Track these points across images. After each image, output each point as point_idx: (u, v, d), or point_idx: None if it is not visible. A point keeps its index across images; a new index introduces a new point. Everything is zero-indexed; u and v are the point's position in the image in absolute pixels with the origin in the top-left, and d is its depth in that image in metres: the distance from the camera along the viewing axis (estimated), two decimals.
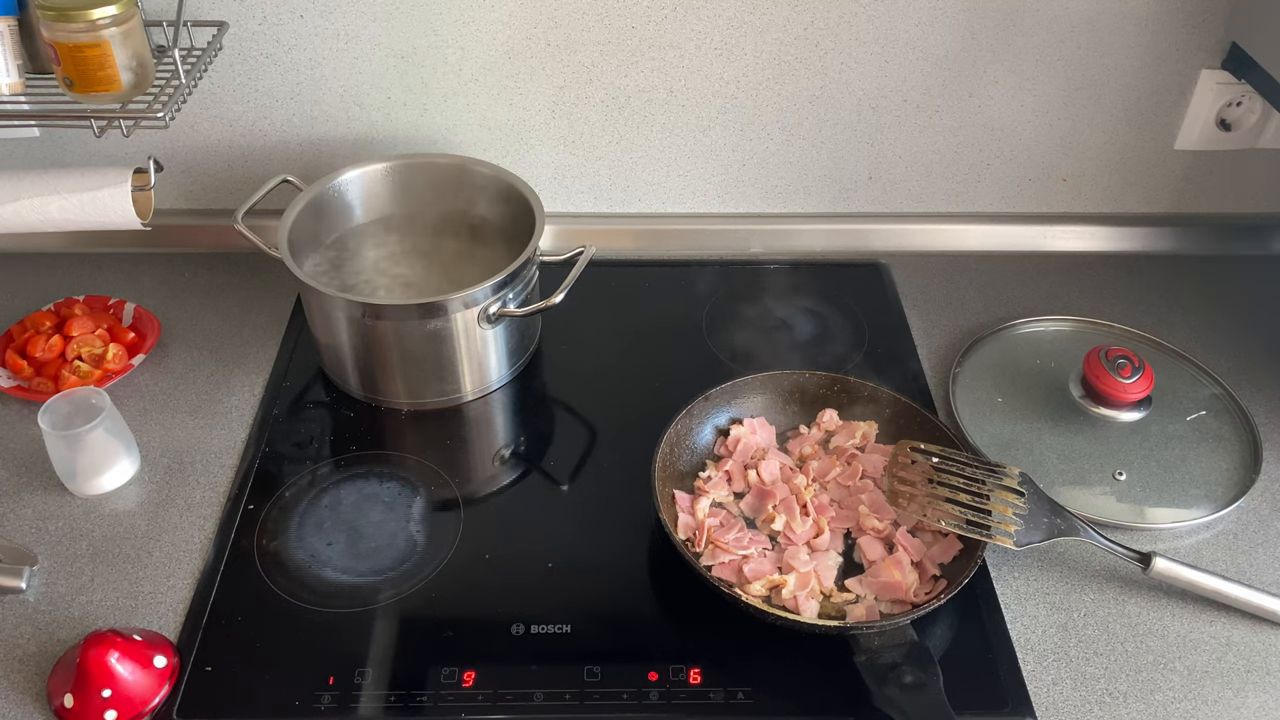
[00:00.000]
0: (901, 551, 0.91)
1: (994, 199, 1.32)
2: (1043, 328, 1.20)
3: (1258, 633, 0.89)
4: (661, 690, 0.82)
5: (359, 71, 1.20)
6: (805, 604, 0.87)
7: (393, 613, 0.89)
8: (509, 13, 1.16)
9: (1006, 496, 0.91)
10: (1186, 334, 1.18)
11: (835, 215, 1.33)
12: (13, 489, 1.00)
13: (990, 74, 1.22)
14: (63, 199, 1.07)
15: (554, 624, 0.88)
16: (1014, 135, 1.27)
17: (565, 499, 1.01)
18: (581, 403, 1.11)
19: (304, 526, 0.96)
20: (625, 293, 1.25)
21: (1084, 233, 1.33)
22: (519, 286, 1.06)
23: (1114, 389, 1.05)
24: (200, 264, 1.28)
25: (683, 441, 1.00)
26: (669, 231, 1.32)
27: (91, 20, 0.95)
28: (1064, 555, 0.95)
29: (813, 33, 1.18)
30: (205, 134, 1.25)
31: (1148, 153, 1.29)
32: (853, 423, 1.03)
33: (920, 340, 1.19)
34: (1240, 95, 1.22)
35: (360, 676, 0.84)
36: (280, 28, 1.17)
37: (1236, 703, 0.84)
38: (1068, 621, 0.90)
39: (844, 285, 1.26)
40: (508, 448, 1.08)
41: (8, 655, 0.86)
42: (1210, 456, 1.04)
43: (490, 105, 1.23)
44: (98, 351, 1.11)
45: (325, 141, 1.25)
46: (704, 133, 1.25)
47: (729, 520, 0.94)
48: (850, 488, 0.97)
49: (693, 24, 1.17)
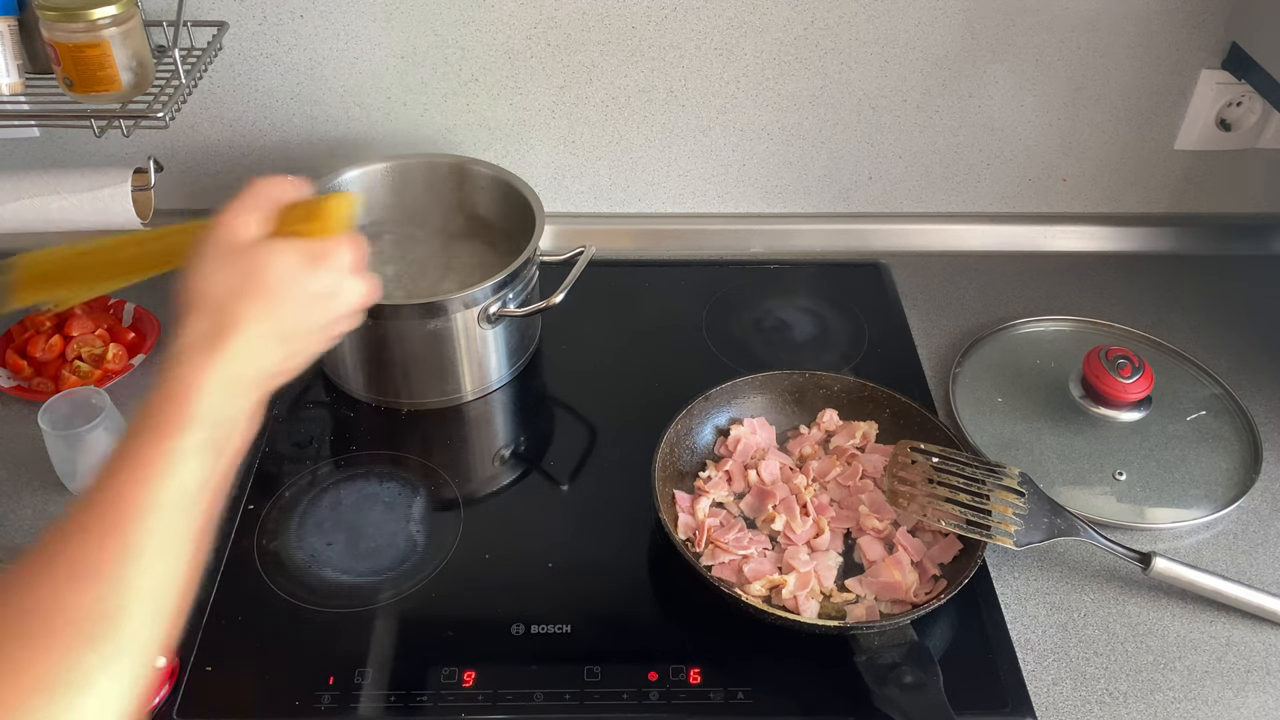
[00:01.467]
0: (901, 551, 0.91)
1: (994, 199, 1.32)
2: (1043, 328, 1.20)
3: (1258, 633, 0.89)
4: (661, 690, 0.82)
5: (359, 71, 1.20)
6: (805, 604, 0.87)
7: (393, 613, 0.89)
8: (509, 13, 1.16)
9: (1006, 496, 0.91)
10: (1186, 334, 1.18)
11: (835, 215, 1.33)
12: (13, 489, 1.00)
13: (990, 74, 1.22)
14: (63, 199, 1.07)
15: (554, 624, 0.88)
16: (1014, 135, 1.27)
17: (565, 499, 1.01)
18: (581, 403, 1.11)
19: (304, 526, 0.96)
20: (625, 293, 1.25)
21: (1084, 233, 1.33)
22: (519, 286, 1.06)
23: (1114, 389, 1.05)
24: None
25: (683, 441, 1.00)
26: (669, 231, 1.32)
27: (91, 20, 0.95)
28: (1064, 555, 0.95)
29: (813, 33, 1.18)
30: (205, 134, 1.25)
31: (1148, 153, 1.29)
32: (853, 423, 1.03)
33: (920, 340, 1.19)
34: (1240, 95, 1.22)
35: (360, 676, 0.84)
36: (280, 28, 1.17)
37: (1237, 703, 0.84)
38: (1068, 621, 0.90)
39: (844, 285, 1.26)
40: (508, 448, 1.08)
41: None
42: (1210, 456, 1.04)
43: (490, 105, 1.23)
44: (98, 351, 1.11)
45: (325, 141, 1.25)
46: (704, 133, 1.25)
47: (729, 520, 0.94)
48: (850, 488, 0.97)
49: (693, 24, 1.17)
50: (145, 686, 0.52)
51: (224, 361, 0.60)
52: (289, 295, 0.63)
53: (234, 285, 0.62)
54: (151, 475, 0.56)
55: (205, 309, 0.62)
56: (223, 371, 0.60)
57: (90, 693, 0.49)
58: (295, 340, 0.65)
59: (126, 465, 0.56)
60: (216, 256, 0.63)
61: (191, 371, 0.59)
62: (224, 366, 0.60)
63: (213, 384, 0.59)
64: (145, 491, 0.55)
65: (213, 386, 0.59)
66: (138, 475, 0.56)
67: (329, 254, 0.65)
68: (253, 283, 0.62)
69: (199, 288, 0.63)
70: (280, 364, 0.64)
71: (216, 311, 0.61)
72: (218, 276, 0.62)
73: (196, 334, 0.61)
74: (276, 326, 0.63)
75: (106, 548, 0.53)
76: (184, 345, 0.61)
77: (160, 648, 0.54)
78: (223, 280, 0.62)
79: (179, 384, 0.59)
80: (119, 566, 0.53)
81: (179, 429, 0.57)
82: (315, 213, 0.66)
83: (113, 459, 0.57)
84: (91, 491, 0.56)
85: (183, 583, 0.56)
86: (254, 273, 0.62)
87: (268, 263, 0.63)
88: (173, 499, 0.56)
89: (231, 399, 0.60)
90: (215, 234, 0.64)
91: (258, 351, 0.62)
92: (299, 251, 0.64)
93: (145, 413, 0.58)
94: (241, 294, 0.62)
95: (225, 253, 0.63)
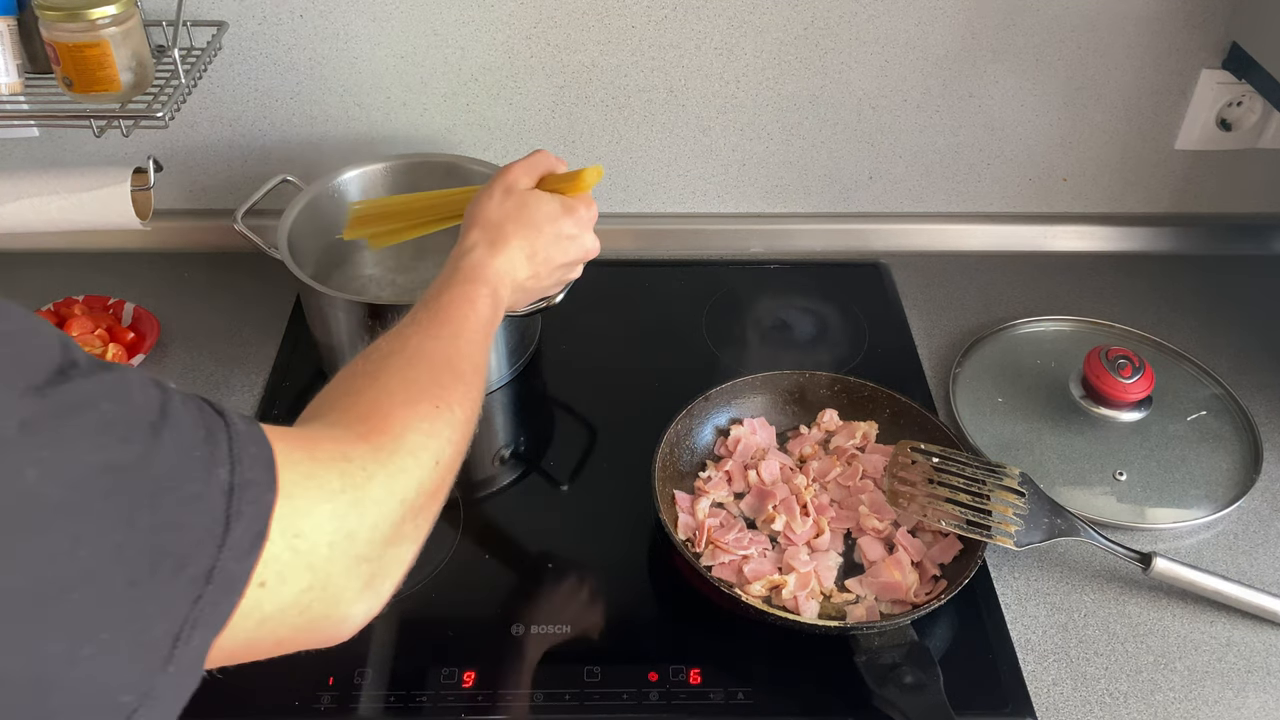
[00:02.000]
0: (901, 552, 0.91)
1: (994, 199, 1.32)
2: (1043, 328, 1.20)
3: (1258, 633, 0.89)
4: (661, 690, 0.82)
5: (359, 71, 1.20)
6: (805, 604, 0.87)
7: (393, 613, 0.89)
8: (509, 13, 1.16)
9: (1006, 496, 0.91)
10: (1186, 334, 1.18)
11: (835, 215, 1.33)
12: None
13: (990, 74, 1.22)
14: (63, 199, 1.07)
15: (554, 624, 0.88)
16: (1014, 135, 1.27)
17: (565, 499, 1.01)
18: (581, 403, 1.11)
19: None
20: (625, 293, 1.25)
21: (1084, 233, 1.33)
22: None
23: (1114, 389, 1.05)
24: (200, 264, 1.28)
25: (683, 441, 1.00)
26: (669, 231, 1.32)
27: (91, 20, 0.95)
28: (1064, 555, 0.95)
29: (813, 33, 1.18)
30: (205, 134, 1.25)
31: (1148, 153, 1.29)
32: (853, 423, 1.03)
33: (920, 340, 1.19)
34: (1240, 95, 1.22)
35: (360, 676, 0.83)
36: (280, 28, 1.17)
37: (1237, 703, 0.84)
38: (1068, 622, 0.90)
39: (844, 285, 1.26)
40: (507, 448, 1.08)
41: None
42: (1210, 456, 1.04)
43: (490, 105, 1.23)
44: (97, 351, 1.10)
45: (325, 141, 1.25)
46: (704, 133, 1.25)
47: (729, 520, 0.94)
48: (850, 488, 0.97)
49: (693, 24, 1.17)
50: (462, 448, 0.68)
51: (498, 259, 0.80)
52: (545, 230, 0.83)
53: (508, 214, 0.83)
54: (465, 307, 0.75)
55: (486, 227, 0.82)
56: (497, 265, 0.80)
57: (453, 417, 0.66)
58: (541, 265, 0.84)
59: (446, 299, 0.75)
60: (498, 194, 0.84)
61: (480, 257, 0.80)
62: (498, 262, 0.80)
63: (492, 267, 0.80)
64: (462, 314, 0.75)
65: (493, 268, 0.80)
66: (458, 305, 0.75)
67: (577, 208, 0.86)
68: (522, 214, 0.83)
69: (484, 213, 0.83)
70: (527, 281, 0.83)
71: (495, 229, 0.82)
72: (498, 207, 0.83)
73: (479, 239, 0.81)
74: (532, 250, 0.83)
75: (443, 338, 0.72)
76: (469, 248, 0.81)
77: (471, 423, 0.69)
78: (500, 210, 0.83)
79: (470, 263, 0.79)
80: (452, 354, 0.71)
81: (479, 281, 0.78)
82: (572, 179, 0.87)
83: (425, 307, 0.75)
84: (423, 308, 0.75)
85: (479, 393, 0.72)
86: (524, 208, 0.83)
87: (535, 204, 0.84)
88: (475, 325, 0.75)
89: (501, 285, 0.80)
90: (499, 179, 0.85)
91: (517, 263, 0.82)
92: (558, 202, 0.85)
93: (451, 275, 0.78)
94: (513, 220, 0.82)
95: (504, 192, 0.84)
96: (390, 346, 0.70)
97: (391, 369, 0.67)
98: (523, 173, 0.86)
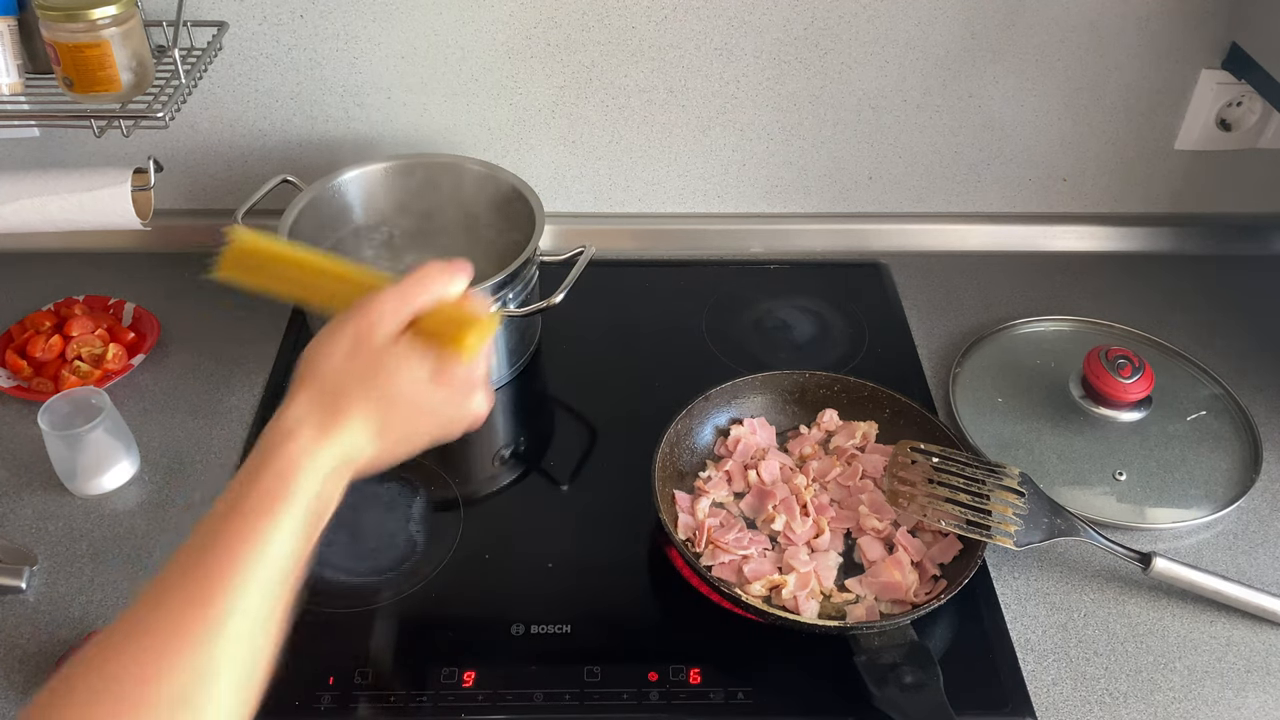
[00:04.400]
0: (901, 551, 0.91)
1: (994, 199, 1.32)
2: (1043, 328, 1.20)
3: (1258, 633, 0.89)
4: (661, 690, 0.82)
5: (359, 71, 1.20)
6: (805, 604, 0.87)
7: (393, 613, 0.89)
8: (509, 13, 1.16)
9: (1006, 496, 0.91)
10: (1186, 334, 1.18)
11: (835, 215, 1.33)
12: (13, 489, 1.00)
13: (990, 74, 1.22)
14: (63, 199, 1.07)
15: (554, 624, 0.88)
16: (1014, 135, 1.27)
17: (565, 499, 1.01)
18: (581, 403, 1.11)
19: None
20: (625, 293, 1.25)
21: (1084, 233, 1.33)
22: (519, 286, 1.06)
23: (1114, 389, 1.05)
24: (200, 264, 1.27)
25: (683, 441, 1.00)
26: (669, 231, 1.32)
27: (91, 20, 0.95)
28: (1064, 555, 0.95)
29: (813, 33, 1.18)
30: (205, 134, 1.25)
31: (1148, 153, 1.29)
32: (853, 423, 1.03)
33: (920, 340, 1.19)
34: (1240, 95, 1.22)
35: (360, 676, 0.83)
36: (280, 28, 1.17)
37: (1237, 703, 0.84)
38: (1068, 621, 0.90)
39: (844, 285, 1.26)
40: (508, 448, 1.08)
41: (8, 655, 0.86)
42: (1210, 456, 1.04)
43: (490, 105, 1.23)
44: (97, 351, 1.10)
45: (325, 141, 1.25)
46: (704, 133, 1.25)
47: (729, 520, 0.94)
48: (850, 488, 0.97)
49: (693, 24, 1.17)
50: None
51: (329, 447, 0.61)
52: (405, 403, 0.64)
53: (355, 377, 0.62)
54: (248, 550, 0.56)
55: (322, 391, 0.62)
56: (327, 456, 0.61)
57: None
58: (400, 442, 0.66)
59: (223, 536, 0.57)
60: (345, 344, 0.63)
61: (298, 450, 0.60)
62: (328, 452, 0.61)
63: (316, 466, 0.60)
64: (240, 565, 0.56)
65: (315, 468, 0.60)
66: (234, 548, 0.56)
67: (456, 376, 0.65)
68: (373, 382, 0.63)
69: (321, 368, 0.63)
70: (379, 459, 0.65)
71: (332, 397, 0.62)
72: (343, 364, 0.63)
73: (307, 414, 0.62)
74: (385, 427, 0.63)
75: (197, 619, 0.54)
76: (291, 421, 0.61)
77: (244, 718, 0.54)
78: (346, 369, 0.62)
79: (284, 460, 0.59)
80: (208, 637, 0.54)
81: (280, 504, 0.58)
82: (460, 327, 0.64)
83: (210, 524, 0.57)
84: (186, 556, 0.56)
85: (268, 656, 0.56)
86: (378, 373, 0.63)
87: (392, 367, 0.63)
88: (265, 574, 0.56)
89: (329, 482, 0.61)
90: (353, 320, 0.63)
91: (362, 445, 0.63)
92: (428, 367, 0.64)
93: (246, 482, 0.59)
94: (359, 387, 0.62)
95: (356, 343, 0.63)
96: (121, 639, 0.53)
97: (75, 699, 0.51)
98: (390, 311, 0.63)
